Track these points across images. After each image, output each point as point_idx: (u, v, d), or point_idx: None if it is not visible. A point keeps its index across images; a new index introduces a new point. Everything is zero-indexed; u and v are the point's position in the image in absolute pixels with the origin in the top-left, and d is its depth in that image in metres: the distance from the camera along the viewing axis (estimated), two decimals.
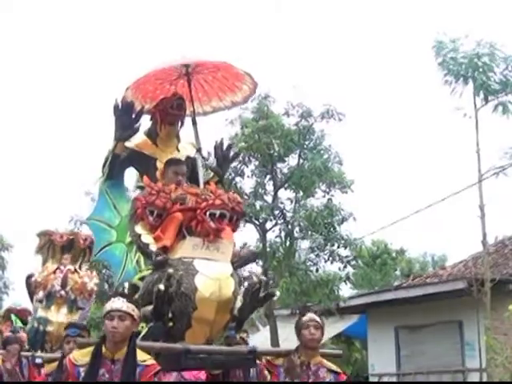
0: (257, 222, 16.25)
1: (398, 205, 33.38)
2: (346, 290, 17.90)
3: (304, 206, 16.39)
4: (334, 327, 17.59)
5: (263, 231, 16.34)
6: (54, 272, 10.13)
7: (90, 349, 4.31)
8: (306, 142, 16.54)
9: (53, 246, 10.43)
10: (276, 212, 16.43)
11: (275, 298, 15.19)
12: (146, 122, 6.21)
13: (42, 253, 10.54)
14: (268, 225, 16.50)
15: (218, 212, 5.12)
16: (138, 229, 5.39)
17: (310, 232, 16.16)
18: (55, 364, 5.80)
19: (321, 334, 5.17)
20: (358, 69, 51.20)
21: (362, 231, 17.61)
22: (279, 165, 16.70)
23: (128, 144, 5.99)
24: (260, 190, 16.22)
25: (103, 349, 4.26)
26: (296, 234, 16.56)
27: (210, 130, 6.92)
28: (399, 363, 16.47)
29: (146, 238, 5.33)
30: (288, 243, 16.34)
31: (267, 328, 17.08)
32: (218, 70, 6.46)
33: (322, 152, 16.46)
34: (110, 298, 4.46)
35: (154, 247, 5.26)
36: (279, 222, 16.53)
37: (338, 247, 16.11)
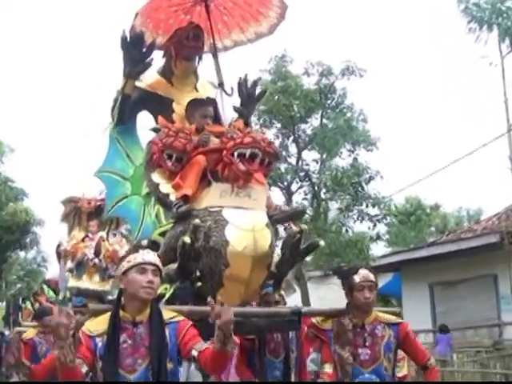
0: (282, 185, 15.47)
1: (426, 160, 32.25)
2: (379, 249, 17.10)
3: (329, 166, 15.55)
4: None
5: (289, 194, 15.57)
6: (83, 240, 9.30)
7: (105, 316, 3.40)
8: (328, 102, 15.72)
9: (79, 213, 9.53)
10: (301, 174, 15.61)
11: (308, 259, 14.40)
12: (158, 60, 5.22)
13: (67, 221, 9.67)
14: (293, 187, 15.72)
15: (248, 151, 4.15)
16: (156, 177, 4.48)
17: (337, 193, 15.32)
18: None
19: (376, 295, 4.16)
20: (378, 21, 49.34)
21: (392, 189, 16.73)
22: (302, 126, 15.85)
23: (139, 84, 5.01)
24: (283, 153, 15.28)
25: (121, 313, 3.36)
26: (323, 196, 15.76)
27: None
28: (435, 320, 15.64)
29: (165, 187, 4.42)
30: (315, 205, 15.48)
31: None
32: None
33: (344, 110, 15.67)
34: (135, 249, 3.48)
35: (174, 197, 4.34)
36: (305, 183, 15.71)
37: (367, 206, 15.36)
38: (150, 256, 3.39)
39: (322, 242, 4.48)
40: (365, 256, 15.30)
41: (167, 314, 3.41)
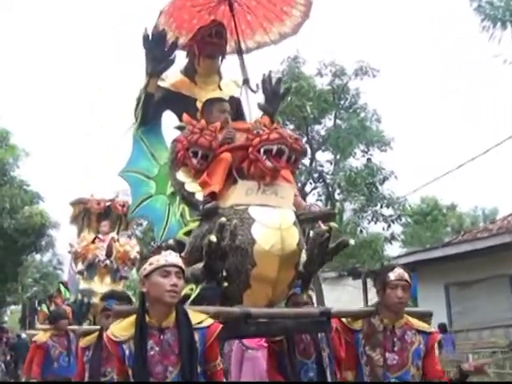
0: (296, 187, 15.25)
1: (441, 159, 31.98)
2: (395, 250, 16.90)
3: (343, 167, 15.40)
4: None
5: (303, 195, 15.35)
6: (93, 241, 9.18)
7: (130, 320, 3.25)
8: (341, 102, 15.57)
9: (88, 214, 9.47)
10: (315, 175, 15.46)
11: None
12: (181, 61, 5.10)
13: (76, 222, 9.60)
14: (307, 188, 15.57)
15: (274, 148, 3.98)
16: (181, 176, 4.33)
17: (351, 193, 15.16)
18: (93, 336, 4.81)
19: (409, 296, 3.99)
20: (390, 20, 48.85)
21: (406, 189, 16.55)
22: (315, 127, 15.70)
23: (163, 84, 4.89)
24: None
25: (146, 317, 3.21)
26: (337, 197, 15.60)
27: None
28: (451, 320, 15.40)
29: (191, 185, 4.28)
30: (329, 206, 15.31)
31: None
32: None
33: (358, 111, 15.53)
34: (156, 250, 3.32)
35: (200, 196, 4.20)
36: (319, 185, 15.56)
37: (381, 207, 15.17)
38: (173, 257, 3.25)
39: (351, 241, 4.33)
40: (379, 257, 15.15)
41: (195, 317, 3.27)
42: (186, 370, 3.09)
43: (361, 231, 15.21)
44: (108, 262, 9.01)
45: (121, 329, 3.25)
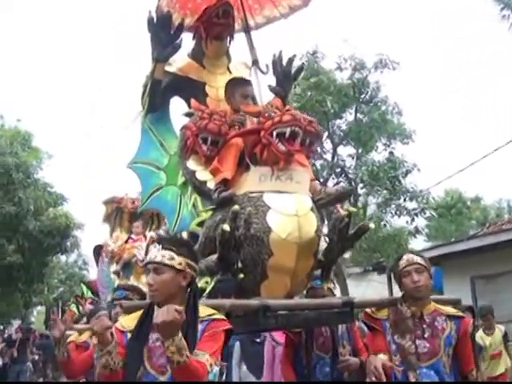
0: (318, 182, 14.96)
1: (465, 151, 31.27)
2: (419, 244, 16.50)
3: (365, 161, 15.08)
4: None
5: None
6: (126, 241, 8.89)
7: (140, 313, 3.06)
8: (362, 96, 15.24)
9: (121, 213, 9.19)
10: (337, 170, 15.15)
11: (346, 256, 13.92)
12: (187, 43, 4.84)
13: (109, 221, 9.32)
14: (330, 184, 15.20)
15: (287, 130, 3.72)
16: (191, 164, 4.10)
17: (374, 187, 14.82)
18: None
19: (427, 278, 3.70)
20: (409, 11, 48.07)
21: (430, 182, 16.18)
22: (336, 121, 15.39)
23: (170, 69, 4.64)
24: (318, 149, 14.82)
25: (156, 310, 2.99)
26: (360, 191, 15.26)
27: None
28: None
29: (202, 174, 4.05)
30: (352, 200, 14.99)
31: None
32: None
33: (378, 104, 15.20)
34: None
35: (212, 184, 3.96)
36: (341, 179, 15.23)
37: (405, 200, 14.80)
38: (153, 253, 3.01)
39: (371, 225, 4.05)
40: (404, 251, 14.76)
41: (205, 311, 3.02)
42: None
43: (384, 225, 14.85)
44: None
45: (128, 320, 3.09)
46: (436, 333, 3.65)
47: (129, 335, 2.99)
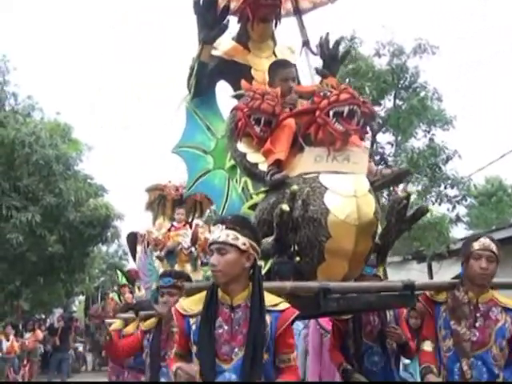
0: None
1: (507, 137, 30.40)
2: (460, 232, 16.14)
3: (405, 148, 14.76)
4: (448, 271, 15.85)
5: None
6: (169, 229, 8.81)
7: (202, 295, 2.97)
8: (401, 82, 14.87)
9: (164, 201, 9.10)
10: (376, 157, 14.86)
11: None
12: (233, 27, 4.74)
13: (152, 209, 9.24)
14: None
15: (345, 109, 3.57)
16: (242, 147, 3.99)
17: (413, 175, 14.49)
18: (153, 321, 4.53)
19: (495, 268, 3.58)
20: None
21: (471, 168, 15.80)
22: (375, 108, 15.07)
23: (215, 52, 4.57)
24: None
25: (219, 293, 2.91)
26: None
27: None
28: None
29: (254, 156, 3.94)
30: (391, 188, 14.74)
31: None
32: None
33: (418, 90, 14.83)
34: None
35: (264, 167, 3.84)
36: (380, 167, 14.95)
37: (445, 188, 14.45)
38: (216, 233, 2.91)
39: (431, 207, 3.90)
40: (444, 239, 14.46)
41: (270, 298, 2.92)
42: (249, 353, 2.77)
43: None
44: (193, 249, 8.62)
45: (190, 302, 2.99)
46: (489, 323, 3.55)
47: (190, 320, 2.90)
